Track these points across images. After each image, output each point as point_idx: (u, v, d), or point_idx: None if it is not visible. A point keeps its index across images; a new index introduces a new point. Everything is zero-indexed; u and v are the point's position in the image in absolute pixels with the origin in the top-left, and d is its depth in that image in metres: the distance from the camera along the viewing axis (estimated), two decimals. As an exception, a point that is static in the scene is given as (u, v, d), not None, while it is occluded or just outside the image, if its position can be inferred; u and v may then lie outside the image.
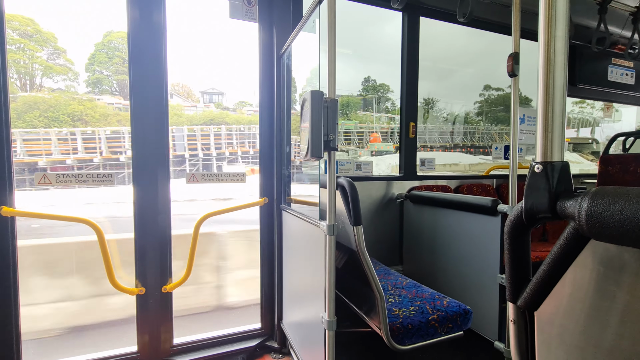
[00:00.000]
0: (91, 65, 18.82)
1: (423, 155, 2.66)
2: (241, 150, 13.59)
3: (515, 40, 1.54)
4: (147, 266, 1.76)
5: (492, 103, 23.89)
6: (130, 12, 1.66)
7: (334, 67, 1.18)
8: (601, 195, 0.43)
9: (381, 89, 26.54)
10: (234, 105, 23.14)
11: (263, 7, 1.97)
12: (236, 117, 20.12)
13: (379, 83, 26.71)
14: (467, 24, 2.57)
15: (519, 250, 0.59)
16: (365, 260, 1.37)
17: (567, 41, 0.51)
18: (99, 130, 10.86)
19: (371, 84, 26.59)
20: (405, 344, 1.39)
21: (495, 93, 23.77)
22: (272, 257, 2.08)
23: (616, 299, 0.44)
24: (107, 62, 19.01)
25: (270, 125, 2.04)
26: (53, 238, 2.38)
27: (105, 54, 19.11)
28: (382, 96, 26.34)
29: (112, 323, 2.40)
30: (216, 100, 23.13)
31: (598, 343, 0.46)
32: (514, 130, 1.60)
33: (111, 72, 18.78)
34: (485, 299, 1.76)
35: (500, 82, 22.24)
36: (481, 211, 1.78)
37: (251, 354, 1.98)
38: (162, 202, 1.77)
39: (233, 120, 19.51)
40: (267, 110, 2.03)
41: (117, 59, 18.64)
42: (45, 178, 1.55)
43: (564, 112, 0.53)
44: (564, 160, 0.52)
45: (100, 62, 18.87)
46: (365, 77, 26.45)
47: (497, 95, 23.66)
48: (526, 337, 0.60)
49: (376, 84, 26.67)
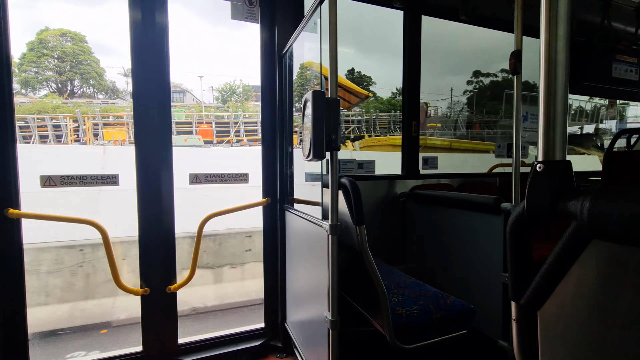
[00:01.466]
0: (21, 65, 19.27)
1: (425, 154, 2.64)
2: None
3: (518, 38, 1.53)
4: (152, 267, 1.78)
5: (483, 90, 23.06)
6: (132, 14, 1.67)
7: (336, 67, 1.18)
8: (603, 194, 0.43)
9: (365, 81, 26.57)
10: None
11: (264, 7, 1.97)
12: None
13: (362, 74, 26.82)
14: (469, 22, 2.56)
15: (521, 249, 0.59)
16: (368, 259, 1.37)
17: (569, 40, 0.51)
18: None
19: (356, 75, 26.59)
20: (409, 343, 1.39)
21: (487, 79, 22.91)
22: (275, 256, 2.09)
23: (620, 298, 0.44)
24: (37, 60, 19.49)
25: (273, 126, 2.04)
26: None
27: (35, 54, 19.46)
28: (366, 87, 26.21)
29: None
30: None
31: (601, 342, 0.46)
32: (516, 128, 1.59)
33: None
34: (489, 298, 1.75)
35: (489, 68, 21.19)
36: (484, 209, 1.77)
37: (255, 353, 1.99)
38: (165, 203, 1.78)
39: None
40: (269, 110, 2.04)
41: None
42: (50, 180, 1.57)
43: (566, 111, 0.52)
44: (566, 159, 0.52)
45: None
46: (349, 68, 26.39)
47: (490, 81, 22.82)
48: (529, 336, 0.60)
49: (361, 75, 26.73)
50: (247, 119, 20.39)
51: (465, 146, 11.41)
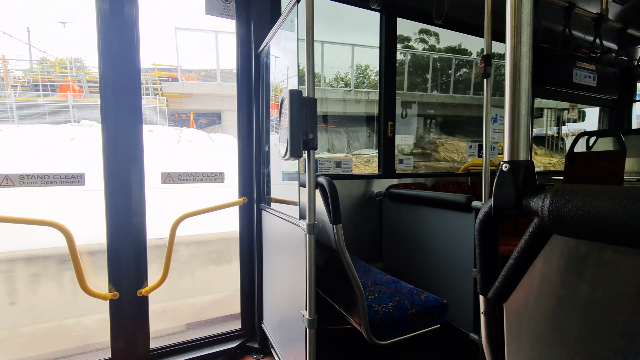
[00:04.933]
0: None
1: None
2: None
3: (487, 43, 1.60)
4: (121, 270, 1.70)
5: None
6: (100, 5, 1.59)
7: (313, 66, 1.18)
8: (561, 193, 0.46)
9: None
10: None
11: (240, 3, 1.94)
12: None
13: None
14: (442, 26, 2.64)
15: (489, 245, 0.61)
16: (345, 258, 1.38)
17: (531, 46, 0.54)
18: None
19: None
20: (385, 339, 1.42)
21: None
22: (251, 257, 2.06)
23: (578, 290, 0.47)
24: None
25: (249, 124, 2.01)
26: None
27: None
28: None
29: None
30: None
31: (562, 333, 0.49)
32: (486, 129, 1.66)
33: None
34: (461, 293, 1.82)
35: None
36: (456, 208, 1.84)
37: (232, 355, 1.96)
38: (136, 204, 1.71)
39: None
40: (246, 108, 2.01)
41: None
42: (7, 180, 1.46)
43: (530, 113, 0.55)
44: (530, 160, 0.55)
45: None
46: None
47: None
48: (496, 328, 0.63)
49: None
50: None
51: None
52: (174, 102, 10.84)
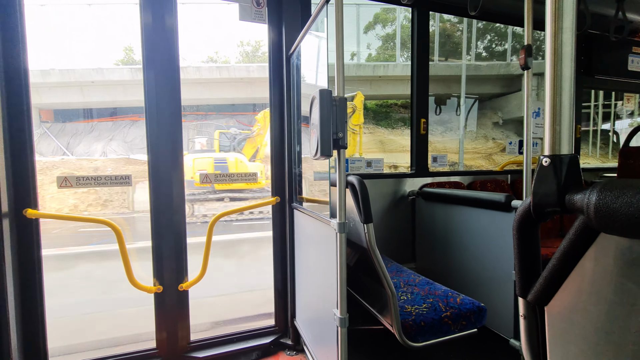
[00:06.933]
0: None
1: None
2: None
3: (528, 31, 1.51)
4: (164, 265, 1.81)
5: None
6: (144, 17, 1.71)
7: (342, 66, 1.18)
8: (609, 188, 0.42)
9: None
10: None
11: (272, 8, 1.99)
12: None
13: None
14: (478, 17, 2.52)
15: (528, 245, 0.58)
16: (376, 257, 1.37)
17: (575, 32, 0.51)
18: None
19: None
20: (418, 341, 1.38)
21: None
22: (284, 255, 2.10)
23: (627, 293, 0.43)
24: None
25: (281, 125, 2.06)
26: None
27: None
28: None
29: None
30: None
31: (609, 337, 0.45)
32: (527, 124, 1.57)
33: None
34: (500, 296, 1.73)
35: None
36: (495, 207, 1.75)
37: (266, 350, 2.02)
38: (176, 202, 1.81)
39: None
40: (278, 109, 2.05)
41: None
42: (66, 181, 1.62)
43: (573, 104, 0.52)
44: (573, 153, 0.51)
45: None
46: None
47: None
48: (537, 332, 0.60)
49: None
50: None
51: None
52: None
